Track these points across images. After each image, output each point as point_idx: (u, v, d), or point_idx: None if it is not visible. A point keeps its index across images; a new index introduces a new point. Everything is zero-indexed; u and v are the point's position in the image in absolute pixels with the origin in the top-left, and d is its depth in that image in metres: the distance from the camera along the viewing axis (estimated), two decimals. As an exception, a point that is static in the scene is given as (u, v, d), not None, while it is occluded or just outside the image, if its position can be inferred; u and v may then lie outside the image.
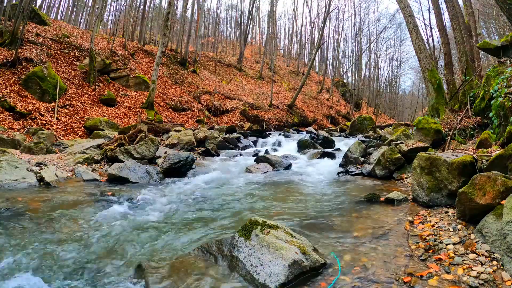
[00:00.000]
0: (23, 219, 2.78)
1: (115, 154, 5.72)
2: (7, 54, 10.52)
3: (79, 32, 16.90)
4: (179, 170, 5.12)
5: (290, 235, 2.09)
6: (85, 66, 12.61)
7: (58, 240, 2.40)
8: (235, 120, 17.44)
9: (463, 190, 2.41)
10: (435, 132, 5.86)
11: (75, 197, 3.59)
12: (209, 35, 36.24)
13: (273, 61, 28.42)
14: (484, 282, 1.72)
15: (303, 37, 37.97)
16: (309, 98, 25.96)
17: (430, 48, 17.64)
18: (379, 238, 2.38)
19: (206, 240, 2.42)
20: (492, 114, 4.88)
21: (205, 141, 8.39)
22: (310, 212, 3.14)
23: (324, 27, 23.46)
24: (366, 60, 35.79)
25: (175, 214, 3.14)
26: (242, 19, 30.13)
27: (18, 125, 8.06)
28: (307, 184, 4.64)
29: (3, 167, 4.22)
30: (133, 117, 11.91)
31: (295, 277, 1.78)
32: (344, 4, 58.10)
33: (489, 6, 17.68)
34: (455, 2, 9.29)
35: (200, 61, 22.64)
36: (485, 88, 5.89)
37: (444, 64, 10.76)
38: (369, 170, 5.07)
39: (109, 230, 2.62)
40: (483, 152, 3.74)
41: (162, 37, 14.33)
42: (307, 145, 8.26)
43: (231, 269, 1.93)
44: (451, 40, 10.31)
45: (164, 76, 17.50)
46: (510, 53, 5.98)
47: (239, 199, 3.74)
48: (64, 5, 28.27)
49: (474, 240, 2.13)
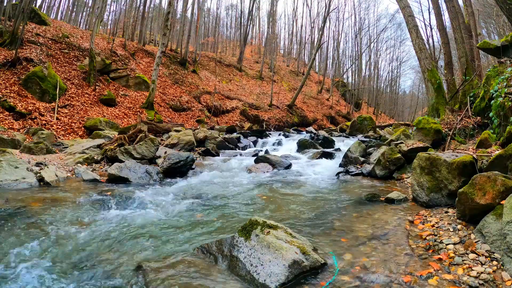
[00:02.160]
0: (23, 219, 2.78)
1: (115, 154, 5.72)
2: (7, 54, 10.52)
3: (79, 32, 16.90)
4: (179, 170, 5.12)
5: (290, 235, 2.09)
6: (85, 66, 12.60)
7: (58, 240, 2.40)
8: (235, 120, 17.44)
9: (463, 190, 2.41)
10: (435, 132, 5.86)
11: (75, 197, 3.58)
12: (209, 35, 36.23)
13: (273, 61, 28.42)
14: (484, 282, 1.72)
15: (303, 37, 37.99)
16: (309, 98, 25.96)
17: (430, 48, 17.64)
18: (379, 238, 2.38)
19: (206, 240, 2.42)
20: (492, 114, 4.87)
21: (205, 141, 8.39)
22: (310, 212, 3.14)
23: (324, 27, 23.46)
24: (366, 60, 35.84)
25: (175, 214, 3.14)
26: (242, 19, 30.13)
27: (18, 125, 8.06)
28: (307, 184, 4.64)
29: (3, 167, 4.22)
30: (133, 117, 11.91)
31: (295, 277, 1.78)
32: (344, 4, 58.17)
33: (489, 6, 17.68)
34: (455, 2, 9.29)
35: (200, 61, 22.64)
36: (485, 88, 5.89)
37: (444, 64, 10.76)
38: (369, 170, 5.07)
39: (109, 230, 2.62)
40: (483, 152, 3.74)
41: (162, 37, 14.33)
42: (307, 145, 8.26)
43: (231, 269, 1.93)
44: (451, 40, 10.31)
45: (164, 76, 17.50)
46: (510, 53, 5.98)
47: (239, 199, 3.74)
48: (64, 5, 28.30)
49: (474, 240, 2.13)
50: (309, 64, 24.32)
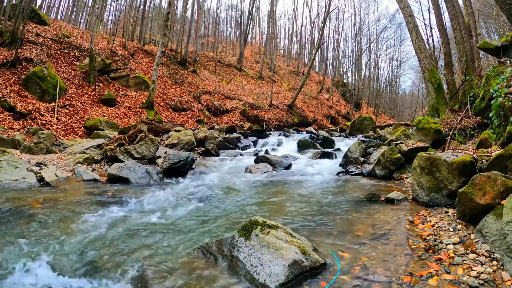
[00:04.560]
0: (23, 218, 2.78)
1: (115, 154, 5.72)
2: (7, 54, 10.52)
3: (79, 32, 16.90)
4: (179, 170, 5.12)
5: (290, 235, 2.09)
6: (85, 66, 12.61)
7: (58, 240, 2.40)
8: (235, 120, 17.44)
9: (463, 190, 2.41)
10: (435, 132, 5.86)
11: (75, 197, 3.58)
12: (209, 35, 36.23)
13: (273, 61, 28.43)
14: (484, 282, 1.71)
15: (303, 37, 38.02)
16: (309, 98, 25.96)
17: (430, 48, 17.64)
18: (379, 238, 2.38)
19: (206, 240, 2.41)
20: (492, 114, 4.87)
21: (205, 141, 8.39)
22: (310, 212, 3.14)
23: (324, 27, 23.47)
24: (366, 60, 35.86)
25: (175, 214, 3.14)
26: (242, 19, 30.14)
27: (18, 125, 8.06)
28: (307, 184, 4.64)
29: (3, 167, 4.22)
30: (133, 117, 11.91)
31: (295, 277, 1.78)
32: (344, 4, 58.16)
33: (489, 6, 17.69)
34: (455, 2, 9.29)
35: (200, 61, 22.64)
36: (485, 88, 5.89)
37: (444, 64, 10.76)
38: (369, 170, 5.07)
39: (109, 230, 2.62)
40: (483, 152, 3.74)
41: (162, 37, 14.34)
42: (307, 145, 8.25)
43: (231, 269, 1.93)
44: (451, 40, 10.31)
45: (164, 76, 17.50)
46: (510, 53, 5.98)
47: (239, 199, 3.74)
48: (64, 5, 28.31)
49: (474, 240, 2.13)
50: (309, 64, 24.32)
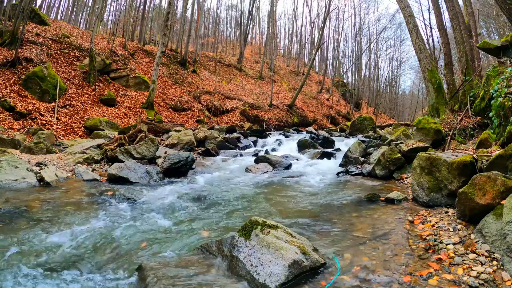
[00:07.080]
0: (23, 218, 2.78)
1: (115, 154, 5.72)
2: (7, 54, 10.52)
3: (79, 32, 16.89)
4: (179, 170, 5.12)
5: (290, 235, 2.09)
6: (85, 66, 12.60)
7: (58, 239, 2.40)
8: (235, 120, 17.44)
9: (463, 190, 2.41)
10: (435, 132, 5.86)
11: (75, 197, 3.58)
12: (209, 35, 36.20)
13: (273, 61, 28.41)
14: (484, 282, 1.72)
15: (303, 37, 37.96)
16: (309, 98, 25.95)
17: (430, 48, 17.64)
18: (379, 238, 2.38)
19: (206, 240, 2.41)
20: (492, 114, 4.87)
21: (205, 141, 8.39)
22: (310, 212, 3.14)
23: (324, 27, 23.46)
24: (366, 60, 35.86)
25: (175, 214, 3.14)
26: (242, 19, 30.11)
27: (18, 125, 8.06)
28: (307, 184, 4.64)
29: (3, 167, 4.22)
30: (133, 117, 11.90)
31: (295, 277, 1.78)
32: (344, 4, 57.88)
33: (489, 6, 17.69)
34: (455, 2, 9.28)
35: (200, 61, 22.63)
36: (485, 88, 5.89)
37: (444, 64, 10.75)
38: (369, 170, 5.07)
39: (109, 230, 2.62)
40: (483, 152, 3.74)
41: (162, 37, 14.34)
42: (307, 145, 8.25)
43: (231, 269, 1.93)
44: (451, 40, 10.30)
45: (164, 76, 17.50)
46: (510, 53, 5.97)
47: (239, 199, 3.74)
48: (64, 5, 28.25)
49: (474, 240, 2.13)
50: (309, 64, 24.32)
